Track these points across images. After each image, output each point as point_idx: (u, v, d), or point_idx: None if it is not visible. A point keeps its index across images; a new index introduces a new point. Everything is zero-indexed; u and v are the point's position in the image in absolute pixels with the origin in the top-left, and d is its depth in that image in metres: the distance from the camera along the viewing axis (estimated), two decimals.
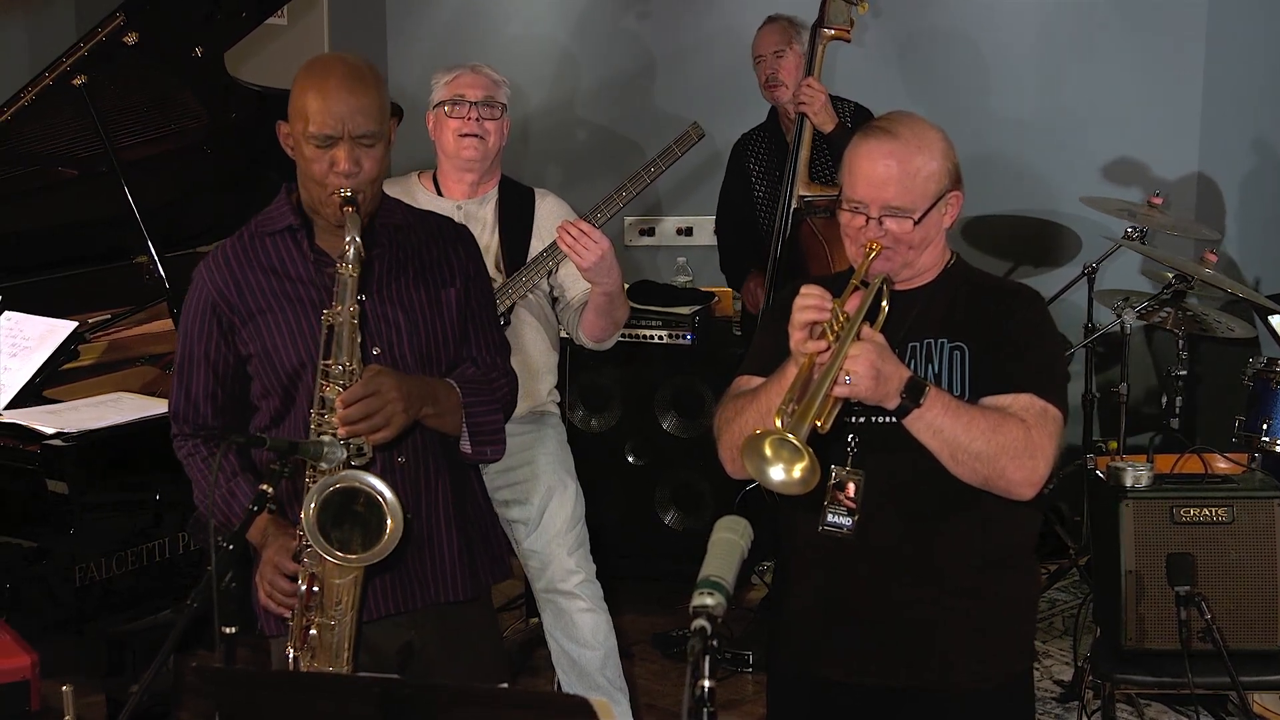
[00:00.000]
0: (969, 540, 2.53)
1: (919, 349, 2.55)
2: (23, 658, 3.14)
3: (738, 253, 4.92)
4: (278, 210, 2.72)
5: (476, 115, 3.59)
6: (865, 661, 2.56)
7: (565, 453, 3.84)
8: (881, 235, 2.51)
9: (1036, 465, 2.45)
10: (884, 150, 2.52)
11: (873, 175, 2.52)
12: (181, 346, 2.74)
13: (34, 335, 3.79)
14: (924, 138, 2.55)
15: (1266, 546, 3.58)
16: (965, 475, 2.45)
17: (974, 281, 2.65)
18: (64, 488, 3.44)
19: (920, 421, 2.44)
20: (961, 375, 2.52)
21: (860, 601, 2.56)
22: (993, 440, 2.43)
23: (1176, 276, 4.59)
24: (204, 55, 4.10)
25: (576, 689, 3.69)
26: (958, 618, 2.54)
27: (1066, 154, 5.56)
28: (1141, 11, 5.61)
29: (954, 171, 2.57)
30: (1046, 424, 2.47)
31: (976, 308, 2.57)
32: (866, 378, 2.40)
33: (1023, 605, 2.67)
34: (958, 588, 2.54)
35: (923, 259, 2.58)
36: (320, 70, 2.61)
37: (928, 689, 2.55)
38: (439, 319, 2.71)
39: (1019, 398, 2.48)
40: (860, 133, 2.59)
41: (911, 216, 2.51)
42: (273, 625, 2.70)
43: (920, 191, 2.51)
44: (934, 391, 2.44)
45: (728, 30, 5.65)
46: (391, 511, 2.46)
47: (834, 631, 2.59)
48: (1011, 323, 2.56)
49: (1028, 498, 2.49)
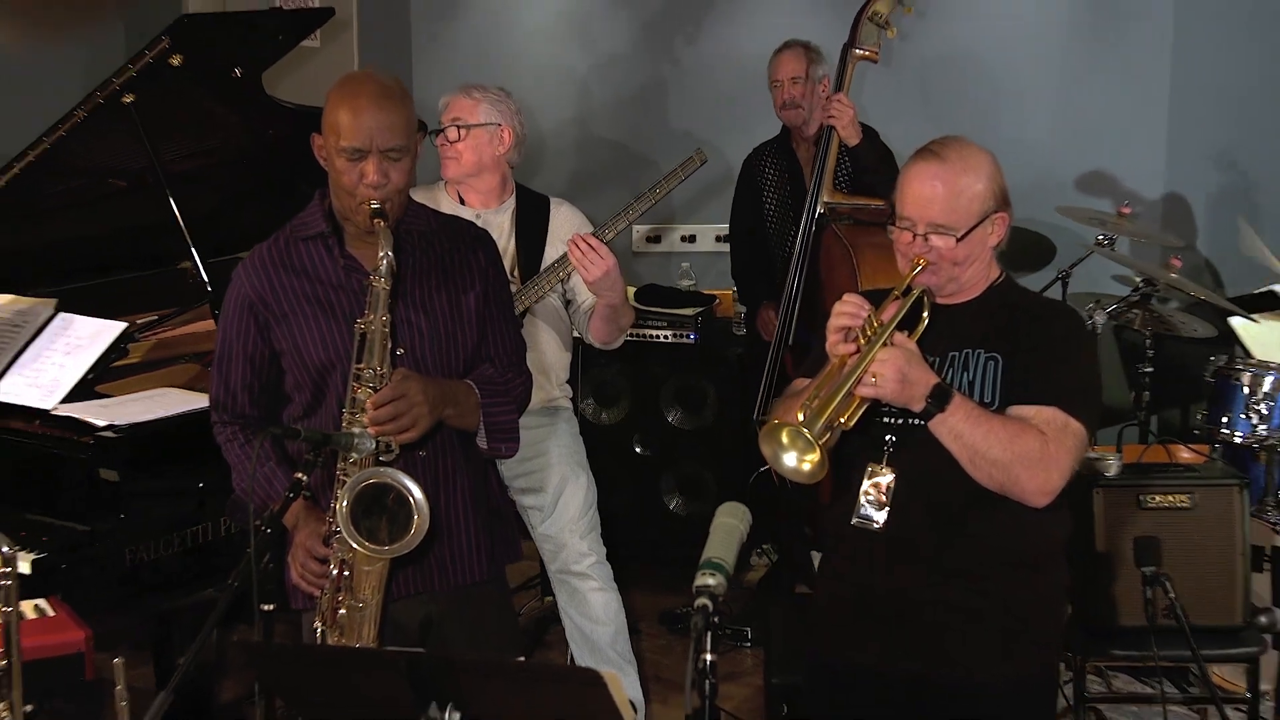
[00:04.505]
0: (997, 540, 2.51)
1: (957, 358, 2.55)
2: (77, 632, 3.14)
3: (751, 267, 4.91)
4: (311, 216, 2.73)
5: (443, 140, 3.62)
6: (892, 651, 2.55)
7: (577, 444, 3.84)
8: (927, 250, 2.53)
9: (1050, 476, 2.44)
10: (931, 171, 2.53)
11: (920, 194, 2.53)
12: (221, 341, 2.75)
13: (86, 335, 3.80)
14: (970, 161, 2.55)
15: (1226, 530, 3.59)
16: (982, 479, 2.45)
17: (1017, 299, 2.64)
18: (115, 476, 3.45)
19: (943, 426, 2.44)
20: (994, 385, 2.52)
21: (889, 593, 2.55)
22: (1010, 449, 2.42)
23: (1144, 281, 4.59)
24: (243, 75, 4.10)
25: (588, 662, 3.70)
26: (983, 614, 2.52)
27: (1044, 167, 5.56)
28: (1112, 36, 5.62)
29: (1000, 194, 2.57)
30: (1066, 438, 2.46)
31: (1015, 323, 2.56)
32: (892, 381, 2.42)
33: (1049, 605, 2.63)
34: (984, 586, 2.52)
35: (967, 274, 2.58)
36: (352, 88, 2.61)
37: (952, 681, 2.53)
38: (459, 322, 2.71)
39: (1043, 410, 2.47)
40: (913, 155, 2.60)
41: (955, 234, 2.51)
42: (300, 600, 2.71)
43: (965, 211, 2.52)
44: (958, 399, 2.44)
45: (729, 55, 5.68)
46: (419, 509, 2.46)
47: (863, 620, 2.58)
48: (1046, 339, 2.54)
49: (1040, 505, 2.47)
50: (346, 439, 2.52)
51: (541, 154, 5.76)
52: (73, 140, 3.80)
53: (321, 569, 2.59)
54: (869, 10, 4.29)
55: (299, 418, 2.71)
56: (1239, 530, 3.60)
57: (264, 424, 2.71)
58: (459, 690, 2.18)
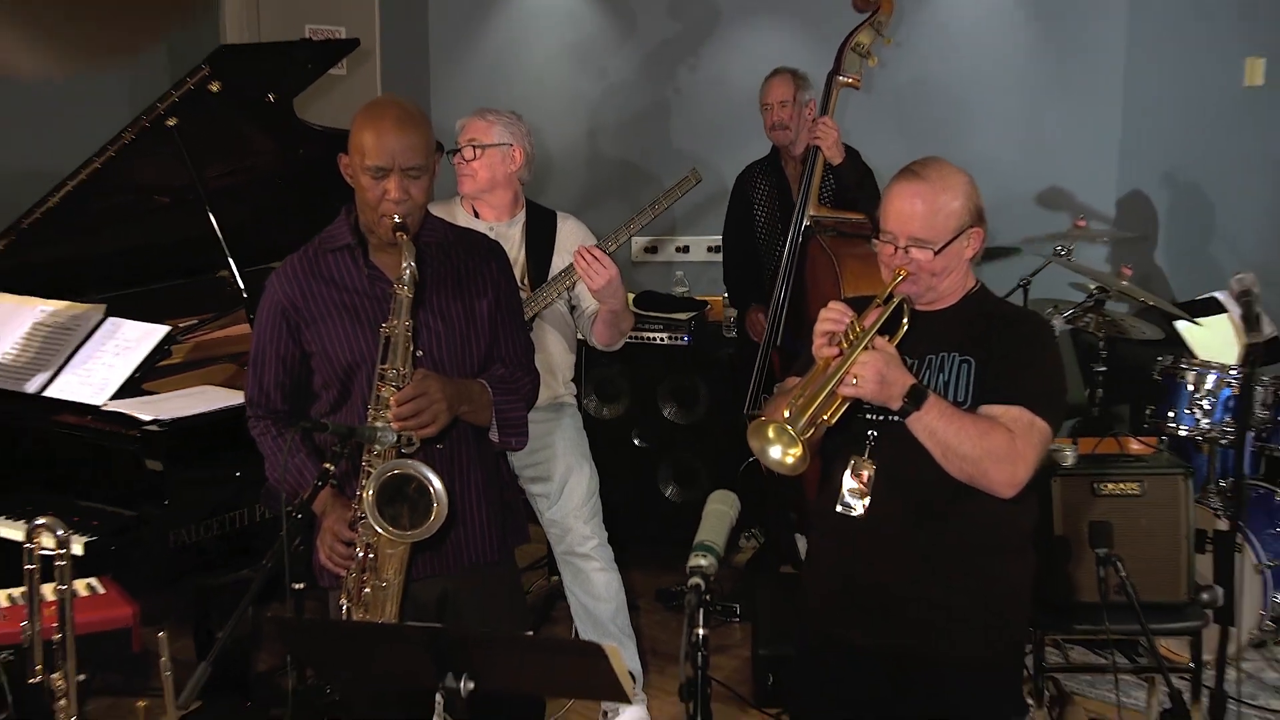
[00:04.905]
0: (970, 528, 2.51)
1: (934, 360, 2.55)
2: (125, 608, 3.15)
3: (742, 275, 4.91)
4: (338, 230, 2.73)
5: (459, 159, 3.62)
6: (875, 629, 2.55)
7: (581, 437, 3.84)
8: (907, 261, 2.52)
9: (1016, 470, 2.44)
10: (912, 190, 2.53)
11: (901, 211, 2.53)
12: (255, 344, 2.75)
13: (133, 337, 3.80)
14: (949, 180, 2.54)
15: (1172, 515, 3.59)
16: (954, 472, 2.45)
17: (990, 307, 2.63)
18: (159, 466, 3.45)
19: (919, 423, 2.44)
20: (967, 385, 2.51)
21: (871, 575, 2.55)
22: (980, 445, 2.42)
23: (1098, 288, 4.59)
24: (276, 101, 4.10)
25: (591, 636, 3.70)
26: (958, 595, 2.51)
27: (1007, 183, 5.56)
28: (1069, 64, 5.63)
29: (976, 211, 2.57)
30: (1032, 435, 2.46)
31: (988, 329, 2.56)
32: (872, 382, 2.42)
33: (1018, 586, 2.62)
34: (959, 569, 2.51)
35: (945, 284, 2.57)
36: (376, 112, 2.61)
37: (930, 654, 2.53)
38: (473, 327, 2.72)
39: (1010, 410, 2.46)
40: (896, 174, 2.59)
41: (933, 248, 2.51)
42: (327, 579, 2.71)
43: (942, 227, 2.51)
44: (933, 399, 2.44)
45: (723, 81, 5.68)
46: (438, 498, 2.46)
47: (849, 600, 2.58)
48: (1016, 344, 2.53)
49: (1007, 497, 2.47)
50: (370, 432, 2.53)
51: (551, 171, 5.77)
52: (121, 160, 3.80)
53: (347, 551, 2.59)
54: (852, 41, 4.29)
55: (326, 413, 2.71)
56: (1184, 515, 3.60)
57: (294, 419, 2.71)
58: (473, 662, 2.19)
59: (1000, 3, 5.65)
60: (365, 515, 2.51)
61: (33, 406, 3.69)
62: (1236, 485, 3.19)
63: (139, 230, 4.26)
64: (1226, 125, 5.81)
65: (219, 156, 4.09)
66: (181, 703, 2.45)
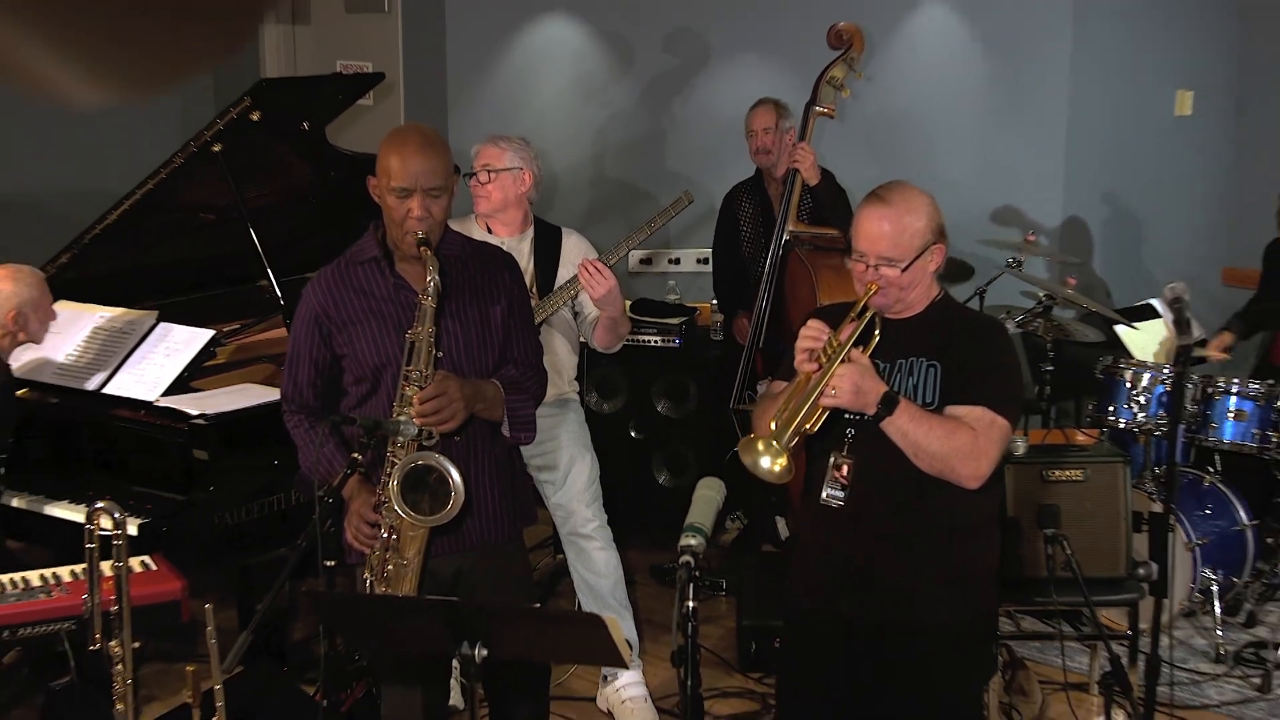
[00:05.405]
0: (940, 512, 2.49)
1: (904, 364, 2.53)
2: (175, 583, 3.14)
3: (729, 284, 4.90)
4: (366, 244, 2.72)
5: (475, 182, 3.61)
6: (857, 604, 2.54)
7: (583, 430, 3.83)
8: (878, 278, 2.51)
9: (980, 464, 2.43)
10: (879, 213, 2.51)
11: (870, 232, 2.51)
12: (291, 346, 2.75)
13: (182, 340, 3.79)
14: (913, 203, 2.52)
15: (1112, 499, 3.59)
16: (924, 468, 2.44)
17: (954, 314, 2.61)
18: (205, 455, 3.44)
19: (892, 426, 2.43)
20: (934, 387, 2.50)
21: (854, 556, 2.54)
22: (946, 444, 2.41)
23: (1046, 295, 4.59)
24: (310, 128, 4.10)
25: (592, 608, 3.69)
26: (931, 571, 2.51)
27: (965, 203, 5.55)
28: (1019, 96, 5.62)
29: (938, 229, 2.54)
30: (993, 433, 2.44)
31: (952, 335, 2.54)
32: (849, 392, 2.41)
33: (986, 563, 2.61)
34: (931, 548, 2.51)
35: (912, 295, 2.55)
36: (400, 138, 2.60)
37: (909, 624, 2.52)
38: (487, 331, 2.70)
39: (973, 410, 2.45)
40: (865, 198, 2.58)
41: (900, 265, 2.49)
42: (354, 557, 2.69)
43: (907, 245, 2.49)
44: (904, 404, 2.43)
45: (713, 110, 5.66)
46: (456, 488, 2.45)
47: (835, 578, 2.57)
48: (977, 349, 2.52)
49: (972, 488, 2.46)
50: (393, 425, 2.52)
51: (557, 190, 5.76)
52: (171, 182, 3.80)
53: (372, 532, 2.58)
54: (827, 75, 4.28)
55: (353, 408, 2.70)
56: (1122, 499, 3.60)
57: (325, 414, 2.70)
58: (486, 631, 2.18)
59: (958, 42, 5.65)
60: (390, 501, 2.50)
61: (93, 402, 3.69)
62: (1169, 472, 3.19)
63: (187, 244, 4.26)
64: (1159, 150, 5.83)
65: (259, 178, 4.08)
66: (226, 667, 2.45)
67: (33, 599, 3.01)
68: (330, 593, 2.58)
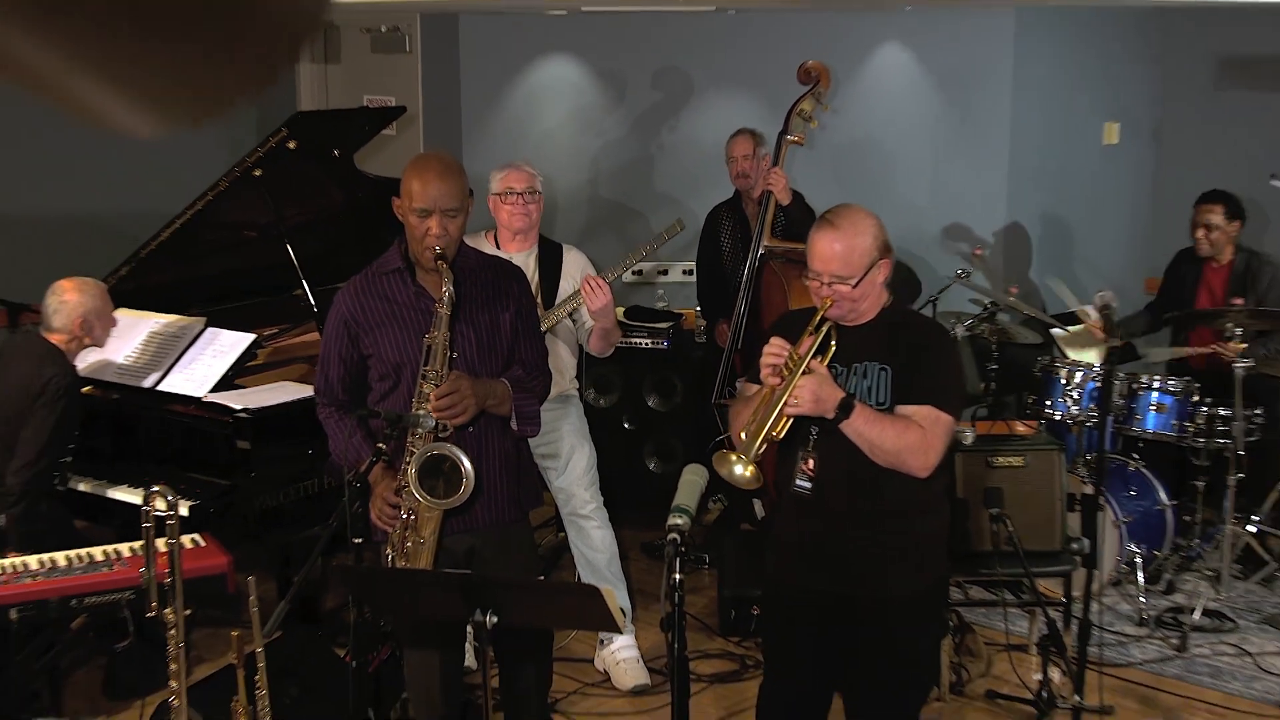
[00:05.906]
0: (896, 496, 2.50)
1: (859, 368, 2.52)
2: (222, 558, 3.15)
3: (711, 293, 4.90)
4: (390, 257, 2.72)
5: (523, 201, 3.60)
6: (829, 575, 2.55)
7: (582, 422, 3.84)
8: (832, 293, 2.50)
9: (928, 457, 2.44)
10: (829, 237, 2.49)
11: (822, 254, 2.49)
12: (323, 347, 2.75)
13: (227, 343, 3.79)
14: (859, 225, 2.50)
15: (1049, 482, 3.62)
16: (879, 462, 2.44)
17: (902, 319, 2.60)
18: (248, 445, 3.45)
19: (849, 428, 2.43)
20: (886, 388, 2.49)
21: (823, 537, 2.55)
22: (898, 441, 2.41)
23: (991, 302, 4.61)
24: (340, 155, 4.10)
25: (590, 580, 3.70)
26: (891, 547, 2.52)
27: (919, 221, 5.58)
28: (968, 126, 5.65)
29: (883, 245, 2.52)
30: (939, 428, 2.45)
31: (900, 339, 2.53)
32: (809, 401, 2.41)
33: (938, 537, 2.62)
34: (890, 526, 2.51)
35: (864, 305, 2.53)
36: (421, 164, 2.61)
37: (872, 595, 2.53)
38: (497, 336, 2.71)
39: (920, 409, 2.45)
40: (815, 223, 2.56)
41: (851, 281, 2.48)
42: (378, 534, 2.70)
43: (857, 264, 2.48)
44: (859, 408, 2.42)
45: (697, 139, 5.67)
46: (467, 475, 2.46)
47: (807, 556, 2.58)
48: (923, 352, 2.52)
49: (923, 478, 2.46)
50: (413, 418, 2.53)
51: (558, 209, 5.77)
52: (217, 203, 3.80)
53: (394, 513, 2.59)
54: (797, 108, 4.28)
55: (377, 402, 2.70)
56: (1058, 482, 3.62)
57: (353, 407, 2.71)
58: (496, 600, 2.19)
59: (913, 79, 5.67)
60: (409, 486, 2.51)
61: (149, 398, 3.69)
62: (1099, 458, 3.21)
63: (232, 258, 4.26)
64: (1090, 174, 5.85)
65: (295, 199, 4.08)
66: (266, 632, 2.46)
67: (96, 572, 3.02)
68: (358, 566, 2.58)
